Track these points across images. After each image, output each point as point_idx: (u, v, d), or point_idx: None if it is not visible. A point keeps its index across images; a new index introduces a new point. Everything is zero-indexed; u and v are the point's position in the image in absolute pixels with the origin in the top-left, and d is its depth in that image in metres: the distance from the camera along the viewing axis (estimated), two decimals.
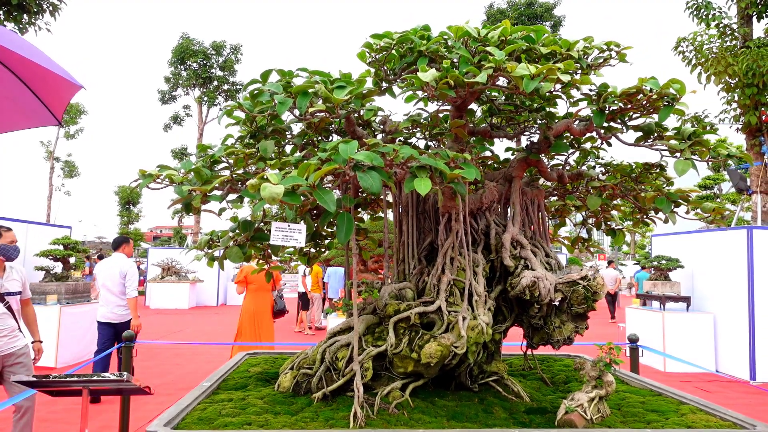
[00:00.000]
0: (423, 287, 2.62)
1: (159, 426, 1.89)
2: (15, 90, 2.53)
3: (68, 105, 3.14)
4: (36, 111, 2.69)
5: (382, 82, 2.69)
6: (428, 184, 1.79)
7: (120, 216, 49.14)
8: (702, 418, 2.16)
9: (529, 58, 2.26)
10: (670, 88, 2.04)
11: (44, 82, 2.69)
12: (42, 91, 2.86)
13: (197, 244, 2.88)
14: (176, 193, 2.13)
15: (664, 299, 9.58)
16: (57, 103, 3.48)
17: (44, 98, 3.20)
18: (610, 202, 2.82)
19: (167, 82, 29.11)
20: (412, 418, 2.18)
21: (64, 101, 3.53)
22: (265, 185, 1.61)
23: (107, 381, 2.71)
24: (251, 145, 2.66)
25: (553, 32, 13.62)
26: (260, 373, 2.88)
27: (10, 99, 2.59)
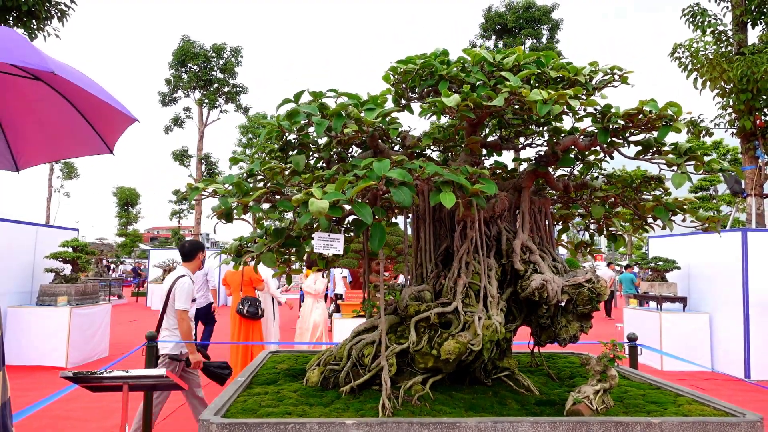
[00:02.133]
0: (440, 289, 2.83)
1: (210, 415, 2.10)
2: (73, 120, 2.73)
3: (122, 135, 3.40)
4: (91, 140, 2.90)
5: (401, 99, 2.92)
6: (453, 198, 2.01)
7: (119, 217, 49.23)
8: (697, 408, 2.39)
9: (539, 80, 2.48)
10: (668, 110, 2.26)
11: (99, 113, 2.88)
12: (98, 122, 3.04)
13: (228, 249, 3.10)
14: (221, 204, 2.34)
15: (661, 299, 9.83)
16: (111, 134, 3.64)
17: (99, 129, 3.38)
18: (612, 210, 3.04)
19: (168, 84, 29.26)
20: (434, 409, 2.39)
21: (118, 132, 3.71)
22: (312, 200, 1.82)
23: (147, 377, 2.92)
24: (281, 157, 2.87)
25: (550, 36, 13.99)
26: (287, 369, 3.09)
27: (68, 128, 2.79)
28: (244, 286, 7.33)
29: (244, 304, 6.94)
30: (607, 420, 2.13)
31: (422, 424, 2.09)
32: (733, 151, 29.42)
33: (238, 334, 7.04)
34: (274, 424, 2.04)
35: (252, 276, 7.31)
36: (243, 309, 6.90)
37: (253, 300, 7.08)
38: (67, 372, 2.92)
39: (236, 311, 7.02)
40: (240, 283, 7.31)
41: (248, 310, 6.91)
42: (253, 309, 6.96)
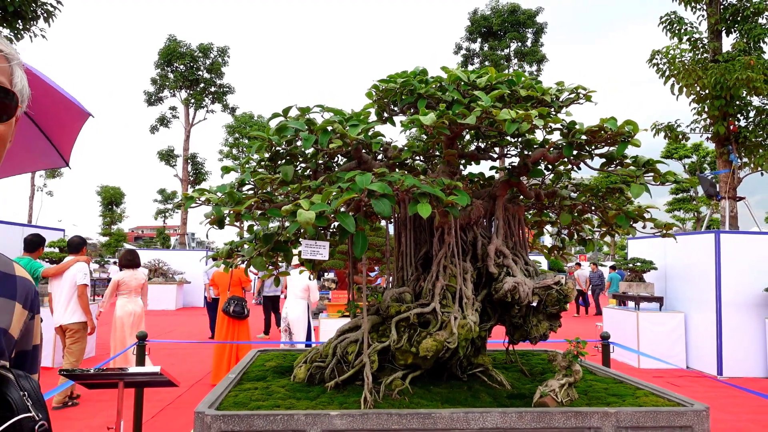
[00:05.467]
0: (420, 291, 3.03)
1: (204, 408, 2.28)
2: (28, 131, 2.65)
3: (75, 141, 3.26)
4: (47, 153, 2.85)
5: (384, 112, 3.11)
6: (428, 209, 2.20)
7: (102, 216, 48.83)
8: (653, 399, 2.61)
9: (511, 98, 2.69)
10: (626, 128, 2.48)
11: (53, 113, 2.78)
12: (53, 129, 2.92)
13: (219, 253, 3.27)
14: (214, 212, 2.52)
15: (639, 299, 10.15)
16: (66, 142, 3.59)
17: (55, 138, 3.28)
18: (580, 217, 3.26)
19: (154, 84, 29.16)
20: (412, 402, 2.59)
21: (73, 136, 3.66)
22: (300, 211, 2.01)
23: (142, 374, 3.08)
24: (270, 167, 3.05)
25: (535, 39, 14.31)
26: (275, 367, 3.27)
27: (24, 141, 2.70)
28: (232, 287, 7.50)
29: (230, 304, 7.12)
30: (568, 410, 2.34)
31: (400, 415, 2.29)
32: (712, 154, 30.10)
33: (225, 333, 7.19)
34: (265, 416, 2.23)
35: (241, 277, 7.49)
36: (229, 308, 7.07)
37: (240, 300, 7.26)
38: (67, 370, 3.07)
39: (223, 310, 7.18)
40: (228, 284, 7.48)
41: (234, 309, 7.09)
42: (239, 308, 7.14)
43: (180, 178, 29.32)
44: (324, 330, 7.79)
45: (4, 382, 0.95)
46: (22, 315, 1.07)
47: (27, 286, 1.10)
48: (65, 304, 6.38)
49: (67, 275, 6.42)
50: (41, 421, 0.94)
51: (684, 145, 30.55)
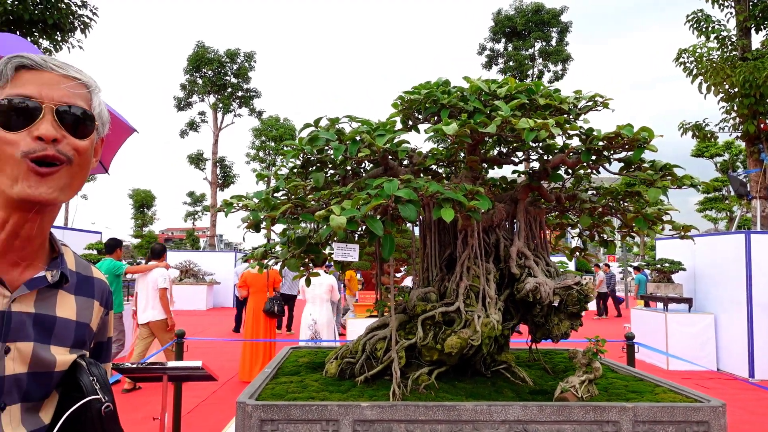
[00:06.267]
0: (444, 291, 3.17)
1: (245, 398, 2.46)
2: None
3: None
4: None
5: (409, 120, 3.27)
6: (451, 213, 2.35)
7: (134, 219, 50.12)
8: (671, 396, 2.70)
9: (530, 106, 2.82)
10: (641, 134, 2.58)
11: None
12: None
13: (253, 254, 3.47)
14: (251, 217, 2.71)
15: (667, 300, 10.06)
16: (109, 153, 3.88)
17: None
18: (600, 219, 3.36)
19: (183, 89, 29.88)
20: (438, 396, 2.74)
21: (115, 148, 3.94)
22: (333, 216, 2.18)
23: (186, 368, 3.30)
24: (302, 174, 3.24)
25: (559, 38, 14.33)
26: (307, 363, 3.45)
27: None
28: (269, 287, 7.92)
29: (273, 304, 7.55)
30: (587, 405, 2.46)
31: (427, 406, 2.44)
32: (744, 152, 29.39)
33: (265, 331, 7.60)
34: (300, 406, 2.40)
35: (275, 277, 7.88)
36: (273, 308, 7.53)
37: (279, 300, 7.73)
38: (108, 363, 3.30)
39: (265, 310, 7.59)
40: (266, 285, 7.85)
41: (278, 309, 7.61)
42: (280, 308, 7.65)
43: (209, 181, 29.98)
44: (351, 330, 7.99)
45: (78, 369, 1.13)
46: (99, 311, 1.25)
47: (103, 287, 1.29)
48: (149, 304, 7.23)
49: (150, 279, 7.26)
50: (107, 402, 1.11)
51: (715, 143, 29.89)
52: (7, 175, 0.97)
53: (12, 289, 1.03)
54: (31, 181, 0.97)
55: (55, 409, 1.10)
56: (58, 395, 1.12)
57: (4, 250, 1.04)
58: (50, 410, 1.10)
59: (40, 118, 0.98)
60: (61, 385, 1.11)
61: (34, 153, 0.97)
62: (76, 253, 1.28)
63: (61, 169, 1.00)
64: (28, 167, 0.97)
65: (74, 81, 1.04)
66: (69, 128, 1.01)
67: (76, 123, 1.02)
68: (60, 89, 1.01)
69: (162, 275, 7.29)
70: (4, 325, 1.00)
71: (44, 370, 1.06)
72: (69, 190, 1.04)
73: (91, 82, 1.09)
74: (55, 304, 1.11)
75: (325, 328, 7.99)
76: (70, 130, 1.01)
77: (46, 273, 1.09)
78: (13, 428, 1.00)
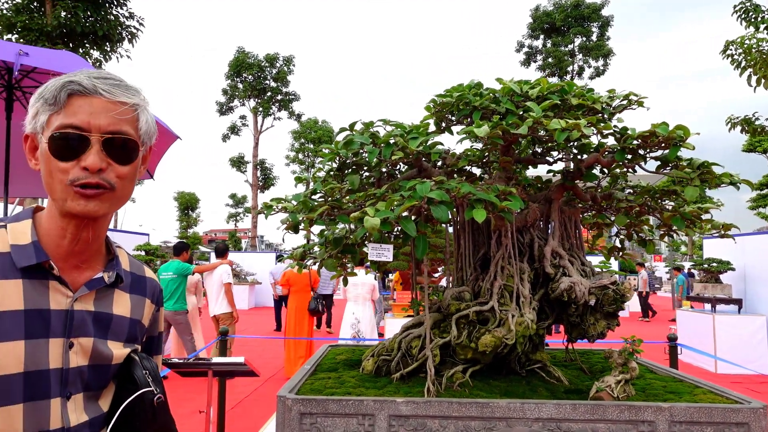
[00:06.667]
0: (478, 291, 3.21)
1: (285, 392, 2.58)
2: None
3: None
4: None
5: (442, 122, 3.32)
6: (483, 214, 2.39)
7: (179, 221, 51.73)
8: (710, 397, 2.67)
9: (563, 106, 2.83)
10: (677, 132, 2.56)
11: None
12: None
13: (293, 255, 3.59)
14: (290, 218, 2.82)
15: (715, 301, 9.73)
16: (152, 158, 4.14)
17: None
18: (638, 218, 3.33)
19: (225, 94, 30.70)
20: (472, 393, 2.78)
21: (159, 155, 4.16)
22: (367, 218, 2.26)
23: (230, 364, 3.45)
24: (338, 176, 3.34)
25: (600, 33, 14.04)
26: (345, 360, 3.55)
27: None
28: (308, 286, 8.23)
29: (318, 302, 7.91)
30: (621, 404, 2.46)
31: (460, 403, 2.49)
32: None
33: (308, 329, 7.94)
34: (338, 401, 2.50)
35: (316, 277, 8.20)
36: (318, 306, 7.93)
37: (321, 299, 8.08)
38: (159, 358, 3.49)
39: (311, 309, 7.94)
40: (308, 284, 8.14)
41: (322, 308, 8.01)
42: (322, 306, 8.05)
43: (250, 183, 30.68)
44: (389, 329, 8.09)
45: (132, 363, 1.25)
46: (150, 308, 1.37)
47: (154, 285, 1.41)
48: (216, 298, 7.99)
49: (215, 275, 7.99)
50: (158, 394, 1.22)
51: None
52: (58, 196, 1.10)
53: (74, 289, 1.15)
54: (79, 201, 1.10)
55: (112, 398, 1.23)
56: (115, 386, 1.24)
57: (66, 255, 1.17)
58: (108, 399, 1.22)
59: (88, 150, 1.09)
60: (118, 377, 1.24)
61: (80, 180, 1.09)
62: (130, 255, 1.40)
63: (105, 192, 1.12)
64: (75, 191, 1.09)
65: (122, 106, 1.14)
66: (114, 157, 1.13)
67: (121, 151, 1.14)
68: (108, 116, 1.11)
69: (226, 271, 7.97)
70: (68, 322, 1.13)
71: (103, 363, 1.18)
72: (116, 205, 1.16)
73: (138, 100, 1.19)
74: (111, 303, 1.24)
75: (368, 327, 8.17)
76: (115, 158, 1.13)
77: (104, 274, 1.22)
78: (77, 415, 1.13)
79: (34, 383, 1.06)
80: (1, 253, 1.10)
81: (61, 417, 1.09)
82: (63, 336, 1.11)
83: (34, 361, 1.06)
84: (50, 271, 1.12)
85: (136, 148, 1.18)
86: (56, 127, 1.09)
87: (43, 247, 1.13)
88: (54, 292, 1.12)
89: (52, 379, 1.09)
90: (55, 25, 12.01)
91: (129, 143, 1.15)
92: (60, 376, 1.10)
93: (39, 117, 1.12)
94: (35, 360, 1.07)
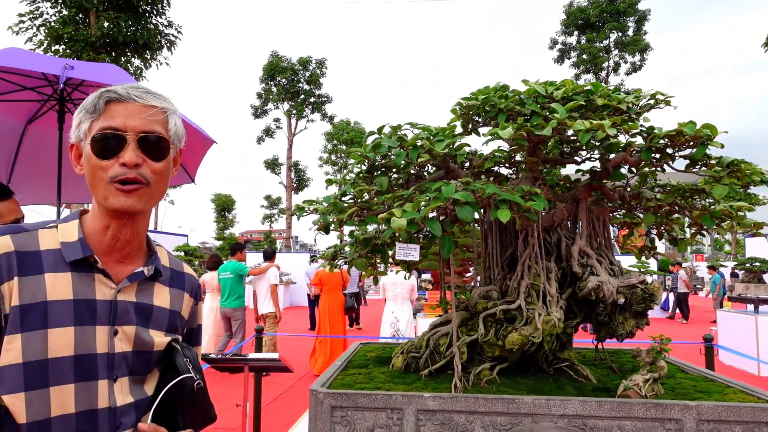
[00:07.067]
0: (506, 290, 3.26)
1: (318, 386, 2.69)
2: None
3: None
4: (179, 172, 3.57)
5: (469, 124, 3.39)
6: (508, 214, 2.45)
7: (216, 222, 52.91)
8: (740, 396, 2.65)
9: (588, 107, 2.86)
10: (703, 131, 2.56)
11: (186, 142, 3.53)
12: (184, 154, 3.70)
13: (324, 255, 3.71)
14: (321, 220, 2.94)
15: (758, 302, 9.44)
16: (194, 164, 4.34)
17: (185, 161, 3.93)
18: (667, 217, 3.31)
19: (259, 98, 31.30)
20: (499, 390, 2.84)
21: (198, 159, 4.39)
22: (394, 219, 2.35)
23: (265, 359, 3.59)
24: (367, 178, 3.44)
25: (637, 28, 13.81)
26: (375, 357, 3.65)
27: None
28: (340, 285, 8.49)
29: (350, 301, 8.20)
30: (648, 402, 2.48)
31: (486, 399, 2.55)
32: None
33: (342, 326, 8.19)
34: (367, 395, 2.59)
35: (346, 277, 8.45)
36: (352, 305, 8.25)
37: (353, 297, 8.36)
38: (203, 355, 3.66)
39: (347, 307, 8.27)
40: (339, 283, 8.40)
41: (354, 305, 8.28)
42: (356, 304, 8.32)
43: (284, 184, 31.19)
44: (422, 329, 8.18)
45: (174, 351, 1.37)
46: (189, 302, 1.49)
47: (192, 281, 1.53)
48: (264, 298, 8.55)
49: (265, 277, 8.56)
50: (198, 380, 1.34)
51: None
52: (100, 193, 1.24)
53: (117, 282, 1.28)
54: (119, 197, 1.23)
55: (156, 384, 1.35)
56: (159, 372, 1.36)
57: (109, 251, 1.30)
58: (152, 384, 1.34)
59: (125, 148, 1.23)
60: (161, 364, 1.36)
61: (119, 176, 1.22)
62: (170, 252, 1.53)
63: (141, 187, 1.25)
64: (115, 188, 1.22)
65: (153, 109, 1.27)
66: (148, 153, 1.26)
67: (154, 148, 1.27)
68: (141, 118, 1.25)
69: (274, 273, 8.55)
70: (113, 311, 1.26)
71: (145, 350, 1.31)
72: (152, 200, 1.29)
73: (167, 105, 1.33)
74: (152, 295, 1.36)
75: (407, 326, 8.33)
76: (149, 155, 1.26)
77: (144, 268, 1.35)
78: (123, 396, 1.26)
79: (84, 366, 1.19)
80: (53, 249, 1.24)
81: (108, 397, 1.22)
82: (108, 324, 1.24)
83: (83, 346, 1.20)
84: (95, 265, 1.25)
85: (167, 147, 1.31)
86: (97, 130, 1.23)
87: (89, 244, 1.26)
88: (99, 283, 1.25)
89: (99, 363, 1.21)
90: (98, 36, 12.54)
91: (161, 141, 1.28)
92: (107, 360, 1.23)
93: (81, 126, 1.27)
94: (84, 344, 1.20)
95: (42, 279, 1.18)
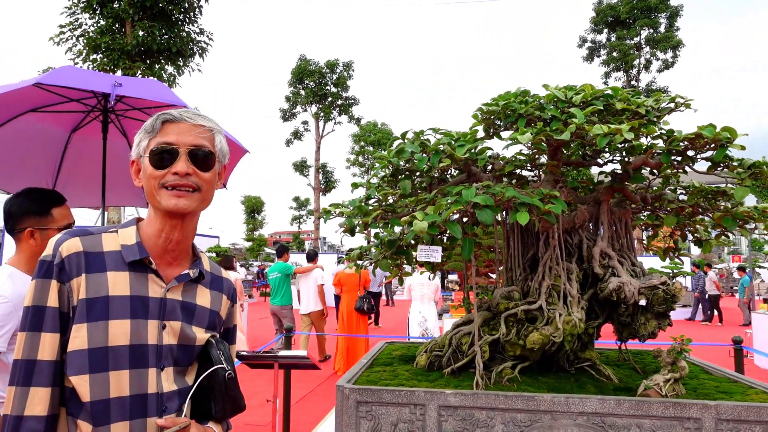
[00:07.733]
0: (527, 290, 3.33)
1: (344, 382, 2.81)
2: None
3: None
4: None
5: (490, 128, 3.47)
6: (527, 217, 2.53)
7: (246, 223, 53.75)
8: (761, 397, 2.66)
9: (607, 111, 2.91)
10: (723, 134, 2.59)
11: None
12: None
13: (350, 256, 3.83)
14: (347, 222, 3.06)
15: None
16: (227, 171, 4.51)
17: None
18: (690, 219, 3.33)
19: (288, 101, 31.76)
20: (520, 388, 2.91)
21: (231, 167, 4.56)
22: (416, 222, 2.45)
23: (293, 357, 3.74)
24: (391, 182, 3.55)
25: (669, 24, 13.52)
26: (400, 355, 3.76)
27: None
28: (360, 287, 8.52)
29: (363, 302, 8.18)
30: (667, 401, 2.52)
31: (506, 396, 2.63)
32: None
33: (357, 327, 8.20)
34: (391, 391, 2.70)
35: (367, 278, 8.50)
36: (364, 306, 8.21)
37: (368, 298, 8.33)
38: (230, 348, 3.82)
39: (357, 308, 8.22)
40: (357, 284, 8.46)
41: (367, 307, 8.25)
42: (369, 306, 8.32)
43: (312, 186, 31.58)
44: (447, 329, 8.27)
45: (210, 345, 1.51)
46: (226, 303, 1.63)
47: (229, 285, 1.67)
48: (310, 297, 8.92)
49: (310, 278, 9.00)
50: (229, 371, 1.48)
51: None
52: (156, 199, 1.40)
53: (167, 282, 1.43)
54: (171, 199, 1.39)
55: (195, 375, 1.50)
56: (198, 365, 1.51)
57: (162, 253, 1.45)
58: (192, 375, 1.49)
59: (177, 159, 1.39)
60: (199, 358, 1.50)
61: (172, 182, 1.39)
62: (210, 259, 1.68)
63: (192, 193, 1.41)
64: (169, 192, 1.39)
65: (201, 128, 1.45)
66: (198, 165, 1.42)
67: (203, 160, 1.43)
68: (192, 135, 1.42)
69: (320, 274, 9.02)
70: (162, 308, 1.41)
71: (188, 344, 1.46)
72: (200, 205, 1.45)
73: (214, 125, 1.51)
74: (195, 295, 1.51)
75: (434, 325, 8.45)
76: (199, 166, 1.43)
77: (190, 271, 1.50)
78: (168, 384, 1.41)
79: (137, 354, 1.35)
80: (114, 251, 1.40)
81: (156, 384, 1.37)
82: (158, 318, 1.40)
83: (137, 337, 1.36)
84: (149, 266, 1.42)
85: (213, 160, 1.48)
86: (154, 145, 1.41)
87: (144, 247, 1.41)
88: (152, 282, 1.41)
89: (149, 353, 1.37)
90: (134, 44, 12.99)
91: (209, 155, 1.45)
92: (156, 351, 1.39)
93: (141, 144, 1.45)
94: (138, 336, 1.36)
95: (105, 276, 1.35)
